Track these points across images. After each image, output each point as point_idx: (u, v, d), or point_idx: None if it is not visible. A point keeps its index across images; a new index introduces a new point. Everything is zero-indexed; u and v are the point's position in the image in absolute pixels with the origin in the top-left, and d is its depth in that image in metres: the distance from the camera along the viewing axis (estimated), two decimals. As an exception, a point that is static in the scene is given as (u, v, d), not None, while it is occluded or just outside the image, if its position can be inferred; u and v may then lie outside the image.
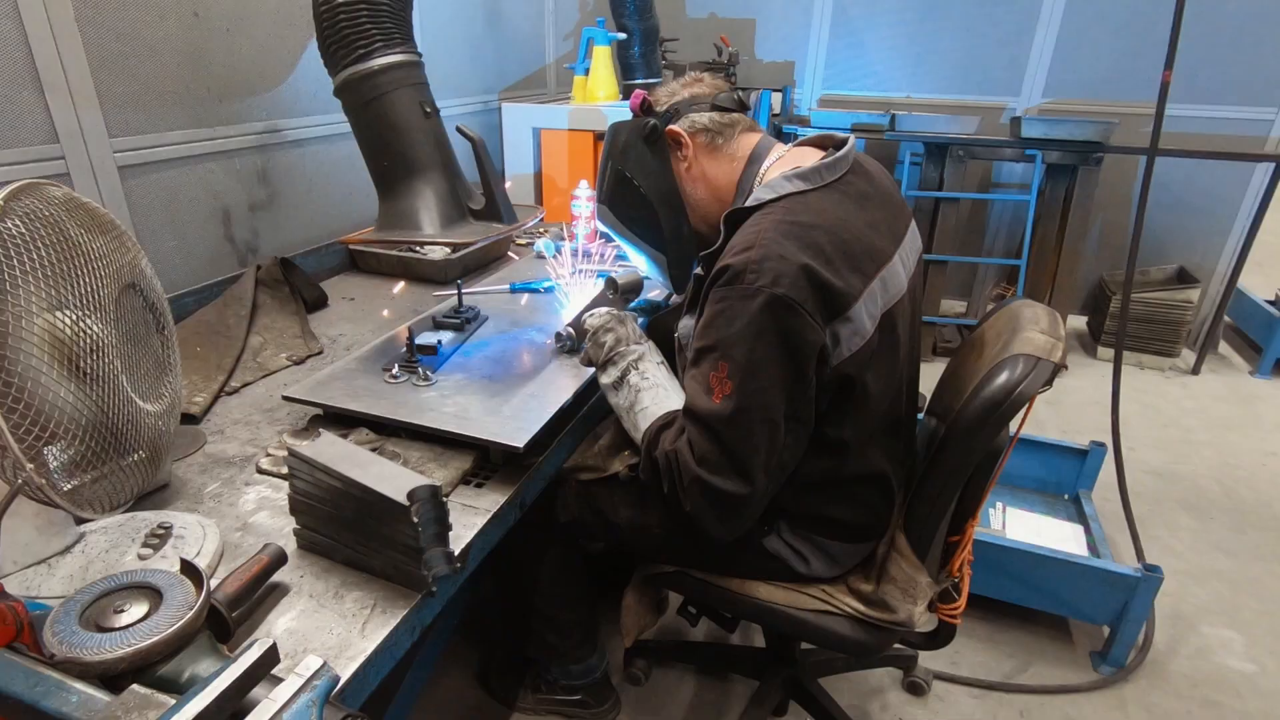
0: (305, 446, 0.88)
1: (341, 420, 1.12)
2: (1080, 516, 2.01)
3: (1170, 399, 3.06)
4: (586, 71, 2.63)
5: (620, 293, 1.30)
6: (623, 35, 2.58)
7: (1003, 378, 0.96)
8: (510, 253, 1.88)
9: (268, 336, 1.44)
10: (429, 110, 1.23)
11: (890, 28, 3.54)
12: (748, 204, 1.04)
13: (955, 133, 3.05)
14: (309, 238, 1.86)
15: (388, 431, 1.10)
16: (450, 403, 1.13)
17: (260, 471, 1.04)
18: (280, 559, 0.83)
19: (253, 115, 1.68)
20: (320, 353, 1.42)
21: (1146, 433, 2.75)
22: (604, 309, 1.20)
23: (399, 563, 0.83)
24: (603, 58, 2.55)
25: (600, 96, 2.56)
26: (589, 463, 1.23)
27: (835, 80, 3.71)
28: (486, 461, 1.08)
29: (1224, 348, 3.53)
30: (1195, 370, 3.23)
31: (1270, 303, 3.40)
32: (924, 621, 1.12)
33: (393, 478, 0.84)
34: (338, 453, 0.88)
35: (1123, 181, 3.43)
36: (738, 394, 0.91)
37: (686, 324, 1.10)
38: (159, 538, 0.85)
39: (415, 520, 0.80)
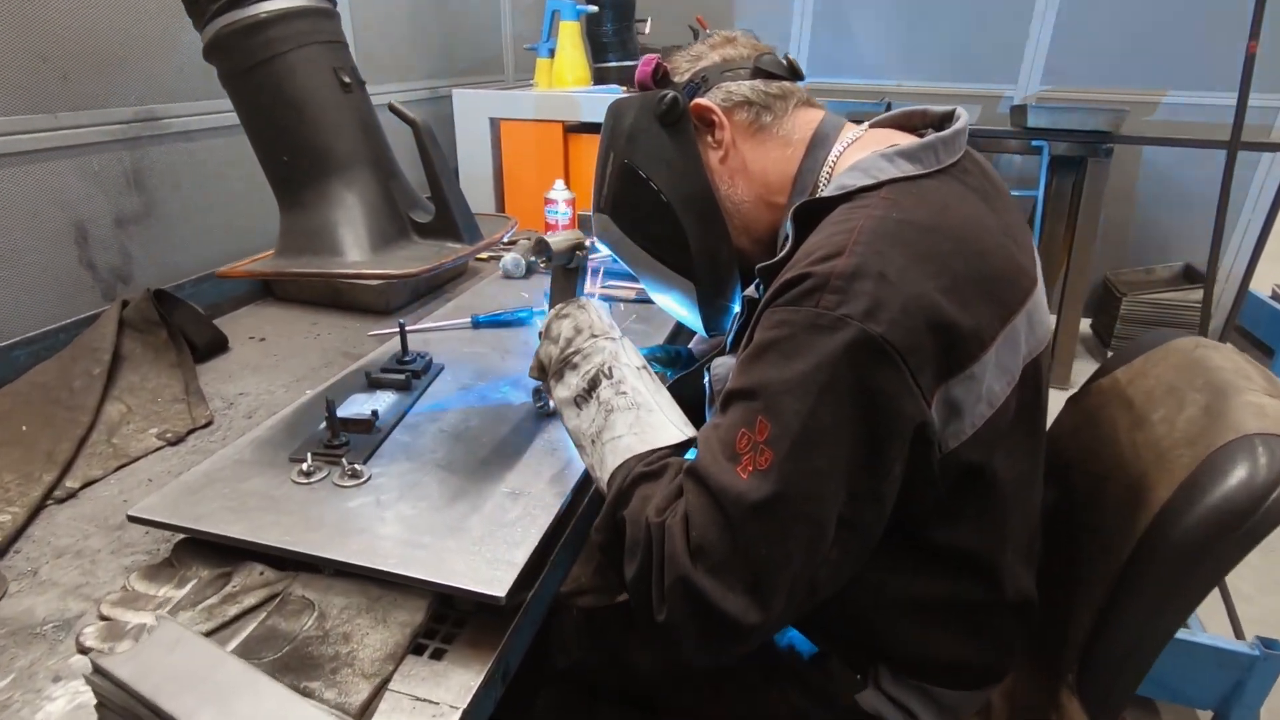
0: (119, 656, 0.50)
1: (222, 550, 0.74)
2: (1146, 563, 1.74)
3: (1190, 408, 2.84)
4: (551, 53, 2.25)
5: (556, 259, 0.84)
6: (593, 8, 2.21)
7: (1240, 475, 0.64)
8: (464, 256, 1.50)
9: (133, 403, 1.03)
10: (348, 81, 0.84)
11: (878, 9, 3.27)
12: (828, 194, 0.70)
13: (959, 123, 2.79)
14: (204, 259, 1.45)
15: (295, 564, 0.72)
16: (391, 516, 0.76)
17: (84, 651, 0.65)
18: None
19: (117, 98, 1.26)
20: (209, 423, 1.02)
21: (1176, 448, 2.52)
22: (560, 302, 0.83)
23: None
24: (570, 35, 2.18)
25: (570, 80, 2.19)
26: (593, 583, 0.87)
27: (820, 67, 3.42)
28: (450, 607, 0.72)
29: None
30: (1209, 375, 3.04)
31: (1274, 298, 3.24)
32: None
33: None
34: (182, 666, 0.51)
35: (1124, 176, 3.23)
36: (778, 473, 0.56)
37: (726, 363, 0.75)
38: None
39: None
